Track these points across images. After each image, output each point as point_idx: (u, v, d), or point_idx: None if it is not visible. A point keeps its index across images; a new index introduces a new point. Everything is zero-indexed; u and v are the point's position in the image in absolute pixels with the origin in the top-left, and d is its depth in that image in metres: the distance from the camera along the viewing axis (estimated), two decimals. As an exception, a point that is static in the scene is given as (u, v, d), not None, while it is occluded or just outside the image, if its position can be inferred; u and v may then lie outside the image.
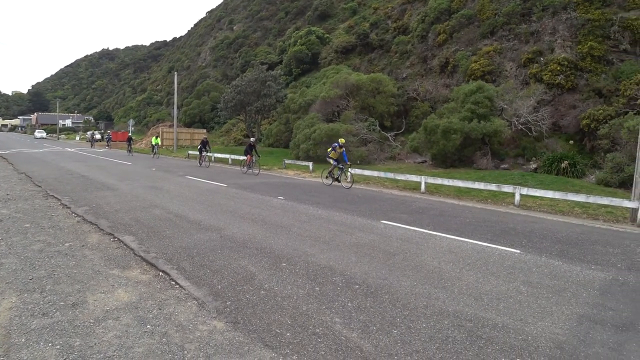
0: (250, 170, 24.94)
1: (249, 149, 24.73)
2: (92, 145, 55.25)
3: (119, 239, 9.10)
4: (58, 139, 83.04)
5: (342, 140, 20.08)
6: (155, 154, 37.80)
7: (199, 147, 30.99)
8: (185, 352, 4.62)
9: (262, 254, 8.20)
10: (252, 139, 25.73)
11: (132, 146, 43.23)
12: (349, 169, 20.55)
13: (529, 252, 9.05)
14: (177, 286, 6.51)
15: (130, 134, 46.84)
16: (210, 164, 30.64)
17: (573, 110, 24.51)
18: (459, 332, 5.26)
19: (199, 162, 30.48)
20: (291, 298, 6.15)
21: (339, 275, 7.12)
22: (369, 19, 50.18)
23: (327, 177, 20.25)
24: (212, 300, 5.99)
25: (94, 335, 4.90)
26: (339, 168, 19.71)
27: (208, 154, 30.81)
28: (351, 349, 4.78)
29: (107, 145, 51.90)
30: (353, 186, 19.29)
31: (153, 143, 38.56)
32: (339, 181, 19.81)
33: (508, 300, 6.29)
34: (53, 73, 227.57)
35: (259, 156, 25.62)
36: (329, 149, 20.15)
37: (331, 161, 19.67)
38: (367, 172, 22.08)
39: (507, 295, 6.49)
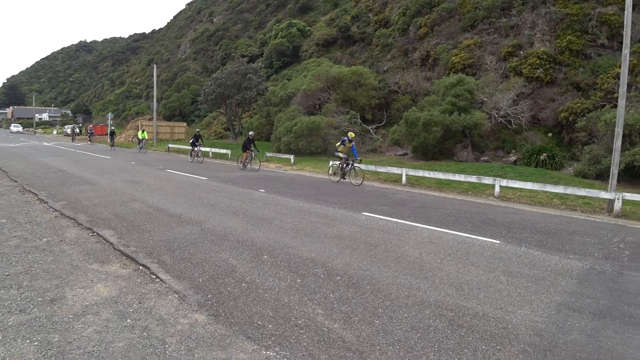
0: (249, 166, 23.77)
1: (248, 144, 23.40)
2: (73, 139, 53.06)
3: (97, 233, 8.96)
4: (35, 133, 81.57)
5: (351, 134, 19.09)
6: (142, 148, 36.52)
7: (191, 140, 29.09)
8: (167, 346, 4.57)
9: (243, 247, 8.16)
10: (250, 133, 24.02)
11: (115, 140, 41.71)
12: (359, 165, 19.24)
13: (509, 243, 9.17)
14: (158, 280, 6.44)
15: (113, 128, 45.18)
16: (204, 159, 28.96)
17: (552, 104, 24.82)
18: (440, 321, 5.31)
19: (191, 157, 28.79)
20: (273, 290, 6.13)
21: (321, 267, 7.12)
22: (350, 12, 50.10)
23: (334, 174, 19.39)
24: (193, 294, 5.94)
25: (73, 331, 4.82)
26: (346, 164, 18.66)
27: (202, 148, 28.98)
28: (333, 340, 4.79)
29: (89, 140, 48.94)
30: (334, 178, 19.25)
31: (140, 137, 37.17)
32: (345, 177, 18.81)
33: (488, 290, 6.37)
34: (29, 66, 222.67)
35: (258, 151, 24.36)
36: (337, 143, 19.17)
37: (340, 155, 18.68)
38: (348, 165, 22.09)
39: (488, 285, 6.56)
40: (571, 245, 9.26)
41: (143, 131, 38.47)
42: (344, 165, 18.62)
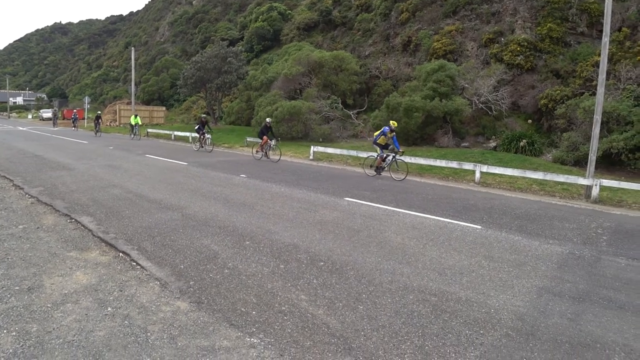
0: (266, 157, 21.11)
1: (265, 131, 20.88)
2: (54, 125, 49.53)
3: (76, 220, 8.78)
4: (9, 118, 79.73)
5: (394, 124, 16.39)
6: (135, 134, 33.84)
7: (196, 127, 26.09)
8: (149, 334, 4.50)
9: (225, 233, 8.08)
10: (268, 120, 21.50)
11: (100, 126, 38.12)
12: (402, 158, 16.77)
13: (490, 228, 9.25)
14: (138, 267, 6.34)
15: (99, 112, 40.79)
16: (213, 147, 25.75)
17: (532, 91, 25.01)
18: (423, 306, 5.33)
19: (196, 146, 25.77)
20: (256, 276, 6.09)
21: (304, 253, 7.09)
22: (331, -4, 49.62)
23: (370, 166, 16.95)
24: (175, 281, 5.87)
25: (52, 320, 4.71)
26: (386, 157, 16.43)
27: (209, 135, 25.68)
28: (318, 326, 4.77)
29: (74, 126, 45.13)
30: (316, 164, 19.17)
31: (132, 122, 34.28)
32: (381, 171, 16.60)
33: (471, 275, 6.41)
34: (1, 48, 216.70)
35: (278, 139, 21.53)
36: (376, 133, 16.74)
37: (378, 149, 16.42)
38: (330, 150, 22.07)
39: (470, 270, 6.61)
40: (551, 230, 9.39)
41: (136, 116, 35.33)
42: (384, 157, 16.41)
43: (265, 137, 20.87)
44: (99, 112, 41.68)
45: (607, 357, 4.44)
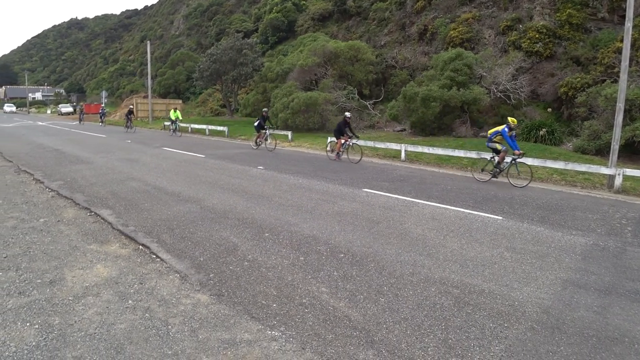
0: (346, 156, 18.13)
1: (344, 127, 18.03)
2: (80, 120, 46.32)
3: (95, 213, 8.84)
4: (29, 113, 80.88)
5: (513, 121, 13.98)
6: (174, 130, 30.87)
7: (256, 123, 22.43)
8: (170, 327, 4.50)
9: (244, 225, 8.07)
10: (347, 114, 18.51)
11: (132, 121, 35.73)
12: (524, 160, 14.45)
13: (511, 219, 9.10)
14: (158, 259, 6.35)
15: (131, 106, 38.47)
16: (276, 146, 22.29)
17: (551, 78, 24.56)
18: (446, 298, 5.25)
19: (256, 144, 22.57)
20: (276, 268, 6.06)
21: (323, 245, 7.04)
22: (346, -14, 49.25)
23: (482, 170, 14.72)
24: (195, 273, 5.86)
25: (73, 313, 4.74)
26: (502, 159, 13.94)
27: (270, 131, 22.50)
28: (339, 319, 4.72)
29: (101, 121, 43.12)
30: (333, 154, 19.05)
31: (172, 117, 31.17)
32: (496, 176, 14.17)
33: (493, 267, 6.30)
34: (20, 44, 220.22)
35: (357, 137, 18.51)
36: (491, 131, 14.38)
37: (498, 146, 14.05)
38: (346, 142, 21.93)
39: (492, 262, 6.50)
40: (573, 221, 9.20)
41: (175, 110, 32.25)
42: (501, 160, 14.03)
43: (344, 136, 18.12)
44: (131, 105, 39.75)
45: (636, 351, 4.32)
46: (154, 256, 6.48)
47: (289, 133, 25.95)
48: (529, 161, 14.90)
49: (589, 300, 5.36)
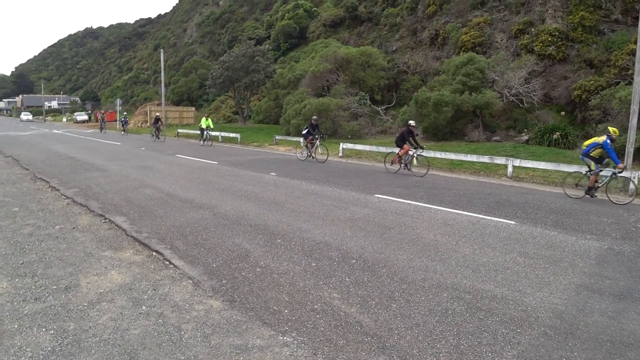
0: (407, 169, 16.29)
1: (408, 136, 15.98)
2: (102, 129, 44.43)
3: (110, 220, 8.95)
4: (45, 121, 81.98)
5: (615, 132, 12.23)
6: (205, 139, 28.60)
7: (304, 130, 20.64)
8: (182, 332, 4.54)
9: (256, 231, 8.11)
10: (412, 123, 16.53)
11: (161, 129, 33.42)
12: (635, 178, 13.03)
13: (524, 223, 9.04)
14: (172, 266, 6.41)
15: (158, 114, 35.35)
16: (328, 157, 19.98)
17: (564, 81, 24.40)
18: (458, 304, 5.23)
19: (302, 154, 20.71)
20: (288, 274, 6.08)
21: (335, 250, 7.05)
22: (357, -8, 49.42)
23: (576, 185, 13.15)
24: (208, 279, 5.91)
25: (88, 319, 4.80)
26: (596, 174, 12.26)
27: (319, 142, 20.24)
28: (351, 324, 4.73)
29: (123, 130, 41.48)
30: (345, 161, 19.04)
31: (203, 126, 28.76)
32: (594, 192, 12.34)
33: (506, 272, 6.27)
34: (36, 54, 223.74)
35: (422, 148, 16.57)
36: (587, 143, 12.71)
37: (592, 163, 12.33)
38: (359, 147, 21.98)
39: (505, 267, 6.46)
40: (588, 225, 9.12)
41: (207, 118, 29.77)
42: (596, 173, 12.32)
43: (405, 145, 16.50)
44: (158, 113, 36.83)
45: (653, 356, 4.27)
46: (168, 262, 6.54)
47: (301, 139, 25.99)
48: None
49: (604, 305, 5.31)
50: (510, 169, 15.87)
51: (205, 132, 28.78)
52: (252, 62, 38.93)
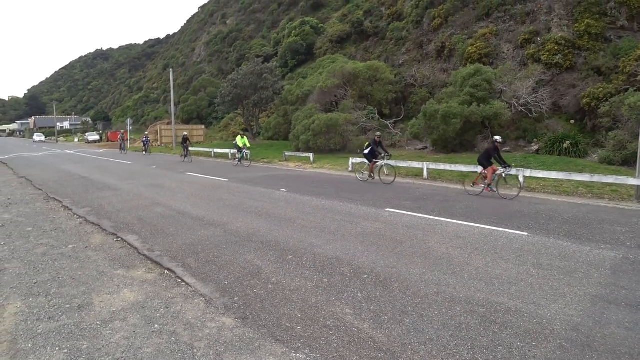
0: (492, 190, 14.33)
1: (494, 152, 14.20)
2: (122, 149, 43.30)
3: (122, 238, 9.01)
4: (57, 142, 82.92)
5: None
6: (241, 159, 26.44)
7: (365, 149, 17.97)
8: (195, 350, 4.54)
9: (267, 248, 8.12)
10: (497, 138, 14.41)
11: (189, 149, 31.10)
12: None
13: (537, 234, 8.96)
14: (184, 284, 6.42)
15: (185, 133, 32.77)
16: (395, 178, 17.60)
17: (573, 90, 24.31)
18: (472, 318, 5.18)
19: (362, 174, 18.22)
20: (300, 291, 6.06)
21: (347, 266, 7.03)
22: (362, 7, 49.83)
23: None
24: (220, 297, 5.91)
25: (101, 337, 4.82)
26: None
27: (388, 161, 17.72)
28: (364, 340, 4.70)
29: (145, 150, 39.86)
30: (355, 175, 19.01)
31: (240, 144, 26.46)
32: None
33: (519, 284, 6.21)
34: (48, 76, 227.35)
35: (509, 166, 14.56)
36: None
37: None
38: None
39: (518, 279, 6.40)
40: (602, 234, 9.02)
41: (242, 136, 27.21)
42: None
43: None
44: (185, 132, 33.95)
45: (672, 367, 4.19)
46: (180, 280, 6.56)
47: (311, 155, 26.10)
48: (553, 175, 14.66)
49: (620, 316, 5.23)
50: (521, 180, 15.77)
51: (242, 152, 26.34)
52: (260, 79, 39.20)
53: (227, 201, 13.18)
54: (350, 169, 21.88)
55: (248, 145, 27.21)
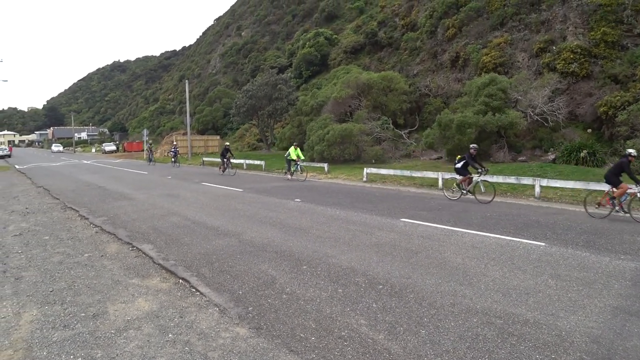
0: (624, 212, 12.05)
1: (627, 168, 12.00)
2: (150, 161, 40.86)
3: (137, 247, 9.06)
4: (75, 152, 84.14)
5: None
6: (296, 171, 23.53)
7: (458, 164, 15.64)
8: (209, 360, 4.52)
9: (282, 258, 8.09)
10: (631, 151, 12.29)
11: (230, 160, 28.21)
12: None
13: (554, 244, 8.82)
14: (198, 293, 6.42)
15: (227, 144, 30.04)
16: (494, 198, 14.91)
17: (589, 98, 24.04)
18: (489, 329, 5.09)
19: (454, 193, 15.95)
20: (314, 301, 6.02)
21: (362, 276, 6.97)
22: (376, 18, 49.93)
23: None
24: (234, 307, 5.89)
25: (115, 346, 4.82)
26: None
27: (484, 177, 15.40)
28: (379, 352, 4.64)
29: (174, 160, 37.52)
30: (369, 185, 18.97)
31: (293, 157, 23.34)
32: None
33: (537, 295, 6.10)
34: (67, 87, 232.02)
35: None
36: None
37: None
38: (383, 171, 21.89)
39: (536, 290, 6.29)
40: (621, 245, 8.85)
41: (297, 147, 23.79)
42: None
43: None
44: (227, 143, 31.51)
45: (698, 382, 4.07)
46: (194, 290, 6.56)
47: (325, 165, 26.11)
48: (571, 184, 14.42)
49: (642, 328, 5.10)
50: (537, 189, 15.59)
51: (296, 165, 23.40)
52: (274, 90, 39.43)
53: (241, 211, 13.20)
54: (365, 179, 21.81)
55: (302, 157, 24.03)
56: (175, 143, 42.45)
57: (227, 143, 32.05)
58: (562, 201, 14.92)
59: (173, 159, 37.63)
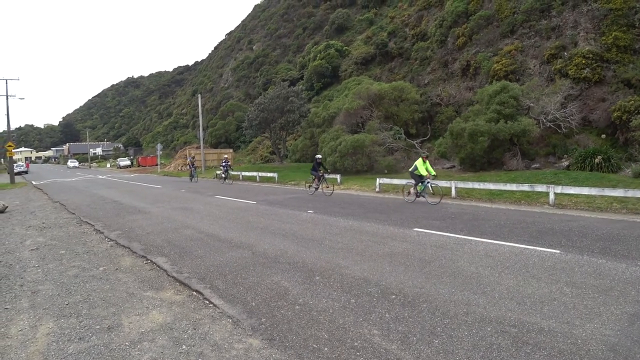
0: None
1: None
2: (192, 177, 35.70)
3: (151, 260, 9.13)
4: (90, 167, 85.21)
5: None
6: (420, 193, 17.41)
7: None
8: (223, 372, 4.53)
9: (294, 269, 8.10)
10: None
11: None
12: None
13: (570, 252, 8.72)
14: (211, 305, 6.45)
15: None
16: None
17: (602, 104, 23.83)
18: (503, 338, 5.04)
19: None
20: (327, 312, 6.02)
21: (375, 286, 6.96)
22: (386, 29, 50.13)
23: None
24: (247, 318, 5.91)
25: (130, 358, 4.86)
26: None
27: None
28: (392, 361, 4.62)
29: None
30: (382, 196, 18.93)
31: (423, 172, 17.06)
32: None
33: (552, 303, 6.03)
34: (82, 104, 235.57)
35: None
36: None
37: None
38: (395, 181, 21.83)
39: (551, 298, 6.22)
40: (638, 251, 8.72)
41: (425, 160, 17.40)
42: None
43: None
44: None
45: None
46: (207, 302, 6.59)
47: (338, 176, 26.14)
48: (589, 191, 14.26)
49: (660, 335, 5.02)
50: (552, 196, 15.46)
51: (425, 183, 17.36)
52: (286, 102, 39.65)
53: (254, 223, 13.26)
54: (377, 189, 21.77)
55: (433, 173, 17.58)
56: (225, 156, 38.07)
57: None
58: (577, 208, 14.77)
59: (224, 175, 33.01)
